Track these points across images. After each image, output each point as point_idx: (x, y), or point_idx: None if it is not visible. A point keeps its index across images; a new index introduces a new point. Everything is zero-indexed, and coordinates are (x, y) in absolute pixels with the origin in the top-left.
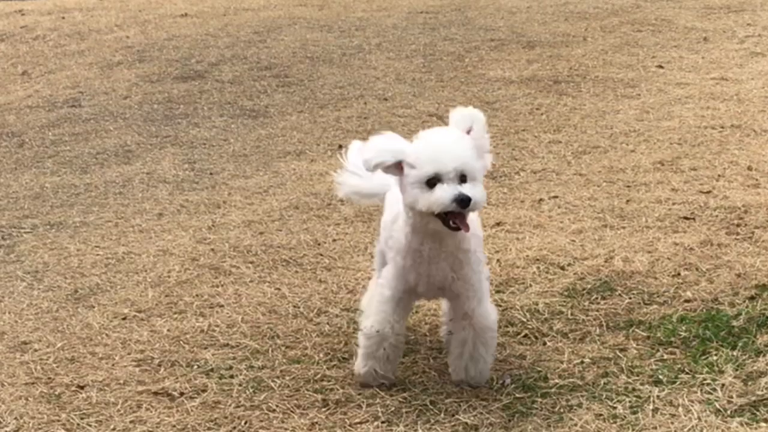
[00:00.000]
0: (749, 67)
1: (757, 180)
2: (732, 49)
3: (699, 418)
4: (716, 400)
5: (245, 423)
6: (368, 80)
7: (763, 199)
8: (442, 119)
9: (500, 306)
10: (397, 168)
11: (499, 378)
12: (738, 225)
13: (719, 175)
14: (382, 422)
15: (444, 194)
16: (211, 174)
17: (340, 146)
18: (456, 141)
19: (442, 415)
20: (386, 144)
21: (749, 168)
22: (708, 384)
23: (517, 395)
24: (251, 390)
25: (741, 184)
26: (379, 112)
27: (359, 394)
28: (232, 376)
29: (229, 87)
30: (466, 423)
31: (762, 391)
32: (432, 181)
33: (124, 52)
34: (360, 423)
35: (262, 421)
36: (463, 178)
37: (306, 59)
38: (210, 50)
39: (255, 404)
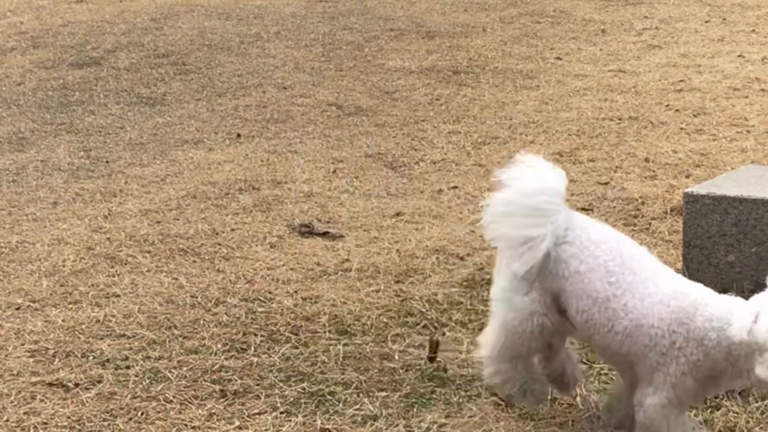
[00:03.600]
0: (646, 60)
1: (653, 171)
2: (630, 42)
3: (596, 407)
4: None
5: (141, 414)
6: (267, 69)
7: (660, 190)
8: (341, 108)
9: (399, 296)
10: None
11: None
12: (635, 216)
13: (617, 167)
14: (281, 413)
15: None
16: (107, 162)
17: (239, 135)
18: None
19: (341, 405)
20: None
21: (646, 159)
22: (605, 374)
23: (417, 385)
24: (148, 381)
25: (638, 175)
26: (278, 100)
27: (257, 385)
28: (128, 367)
29: (126, 74)
30: (366, 413)
31: None
32: None
33: (18, 37)
34: (258, 414)
35: (158, 412)
36: None
37: (204, 47)
38: (106, 37)
39: (151, 395)
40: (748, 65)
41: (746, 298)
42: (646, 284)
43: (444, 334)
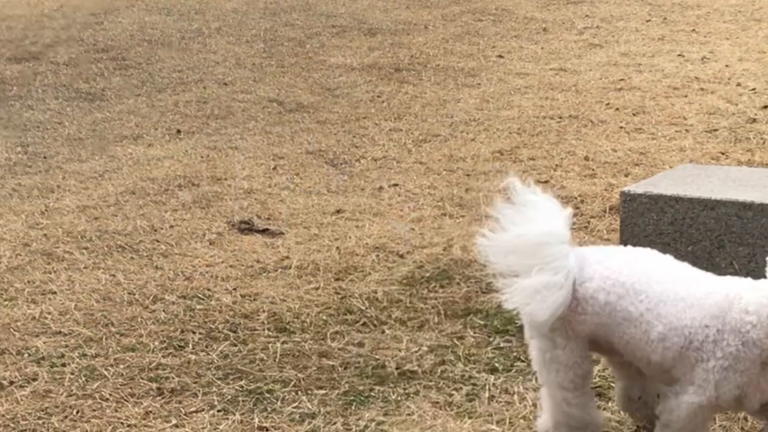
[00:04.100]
0: (587, 58)
1: (593, 170)
2: (571, 40)
3: (534, 405)
4: None
5: (77, 412)
6: (208, 64)
7: (599, 189)
8: (282, 105)
9: (339, 294)
10: None
11: None
12: (574, 215)
13: (557, 165)
14: (218, 411)
15: None
16: (44, 158)
17: (178, 131)
18: None
19: (279, 403)
20: None
21: (586, 158)
22: None
23: (356, 383)
24: (84, 378)
25: (578, 174)
26: (218, 96)
27: (195, 383)
28: (64, 365)
29: (65, 69)
30: (304, 411)
31: (594, 378)
32: None
33: None
34: (196, 412)
35: (94, 410)
36: None
37: (144, 42)
38: (45, 31)
39: (87, 393)
40: (688, 64)
41: None
42: (676, 290)
43: (383, 332)
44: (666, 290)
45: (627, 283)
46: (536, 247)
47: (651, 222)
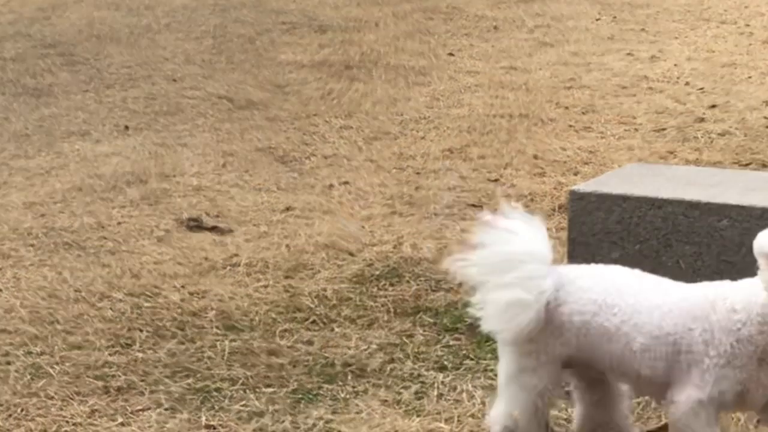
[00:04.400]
0: (538, 57)
1: (542, 169)
2: (521, 39)
3: (483, 403)
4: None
5: (21, 411)
6: (156, 60)
7: (549, 187)
8: (232, 102)
9: (288, 292)
10: None
11: None
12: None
13: (507, 164)
14: (165, 409)
15: None
16: None
17: (126, 127)
18: None
19: (227, 401)
20: None
21: (535, 157)
22: (491, 369)
23: (304, 381)
24: (29, 377)
25: (528, 172)
26: (167, 93)
27: (142, 381)
28: (8, 363)
29: (11, 64)
30: (252, 409)
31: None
32: None
33: None
34: (142, 410)
35: (39, 408)
36: None
37: (92, 37)
38: None
39: (32, 391)
40: (637, 63)
41: None
42: (650, 298)
43: (333, 329)
44: (639, 300)
45: (598, 299)
46: (514, 264)
47: (599, 221)
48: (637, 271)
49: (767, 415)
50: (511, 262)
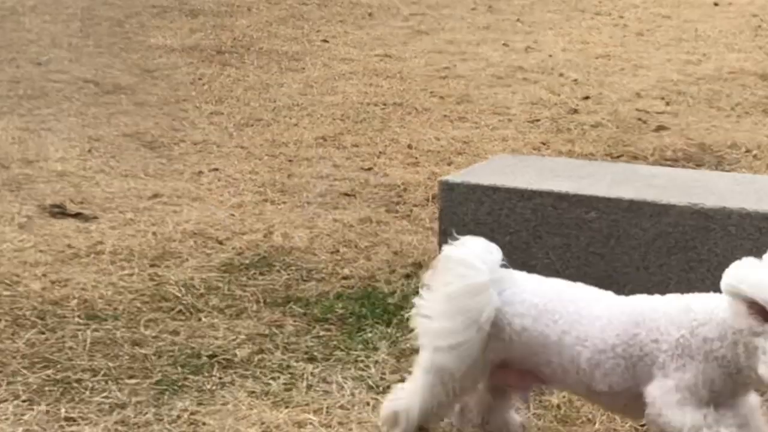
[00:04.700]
0: (413, 45)
1: (416, 158)
2: (396, 26)
3: (352, 395)
4: (369, 377)
5: None
6: (21, 43)
7: (422, 177)
8: (99, 86)
9: (154, 281)
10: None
11: None
12: (397, 203)
13: (380, 152)
14: (23, 401)
15: None
16: None
17: None
18: None
19: (88, 393)
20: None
21: (409, 146)
22: (362, 361)
23: (169, 372)
24: None
25: (401, 162)
26: (32, 77)
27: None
28: None
29: None
30: (114, 401)
31: (413, 367)
32: None
33: None
34: None
35: None
36: None
37: None
38: None
39: None
40: (512, 54)
41: None
42: (591, 309)
43: (200, 319)
44: (579, 309)
45: (539, 304)
46: (457, 305)
47: (469, 211)
48: (578, 284)
49: None
50: (455, 304)
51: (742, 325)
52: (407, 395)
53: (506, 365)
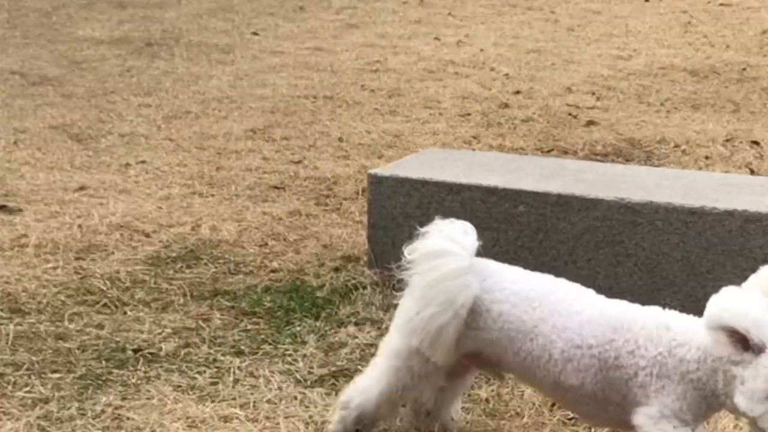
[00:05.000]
0: (344, 39)
1: (346, 151)
2: (328, 20)
3: (279, 389)
4: (297, 371)
5: None
6: None
7: (352, 170)
8: (25, 77)
9: (79, 274)
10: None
11: None
12: (327, 196)
13: (310, 146)
14: None
15: None
16: None
17: None
18: None
19: (11, 387)
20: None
21: (340, 139)
22: (290, 354)
23: (93, 366)
24: None
25: (331, 155)
26: None
27: None
28: None
29: None
30: (36, 396)
31: (342, 361)
32: None
33: None
34: None
35: None
36: None
37: None
38: None
39: None
40: (444, 48)
41: None
42: (572, 304)
43: (125, 313)
44: (559, 300)
45: (522, 291)
46: (437, 289)
47: (398, 205)
48: (561, 279)
49: None
50: (435, 288)
51: (722, 353)
52: (368, 379)
53: (474, 354)
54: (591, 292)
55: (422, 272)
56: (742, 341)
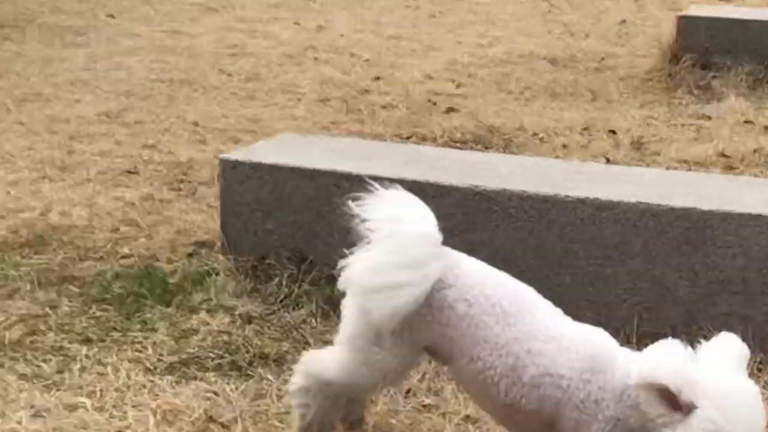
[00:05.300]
0: (202, 22)
1: (203, 136)
2: (186, 3)
3: (128, 377)
4: (147, 359)
5: None
6: None
7: (208, 155)
8: None
9: None
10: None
11: None
12: (181, 181)
13: (165, 130)
14: None
15: None
16: None
17: None
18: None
19: None
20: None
21: (196, 123)
22: (140, 342)
23: None
24: None
25: (187, 139)
26: None
27: None
28: None
29: None
30: None
31: (193, 348)
32: None
33: None
34: None
35: None
36: None
37: None
38: None
39: None
40: (304, 33)
41: (283, 266)
42: (548, 326)
43: None
44: (537, 321)
45: (494, 298)
46: (406, 248)
47: (251, 190)
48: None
49: None
50: (404, 245)
51: (652, 413)
52: (324, 356)
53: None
54: (560, 311)
55: (390, 232)
56: (671, 401)
